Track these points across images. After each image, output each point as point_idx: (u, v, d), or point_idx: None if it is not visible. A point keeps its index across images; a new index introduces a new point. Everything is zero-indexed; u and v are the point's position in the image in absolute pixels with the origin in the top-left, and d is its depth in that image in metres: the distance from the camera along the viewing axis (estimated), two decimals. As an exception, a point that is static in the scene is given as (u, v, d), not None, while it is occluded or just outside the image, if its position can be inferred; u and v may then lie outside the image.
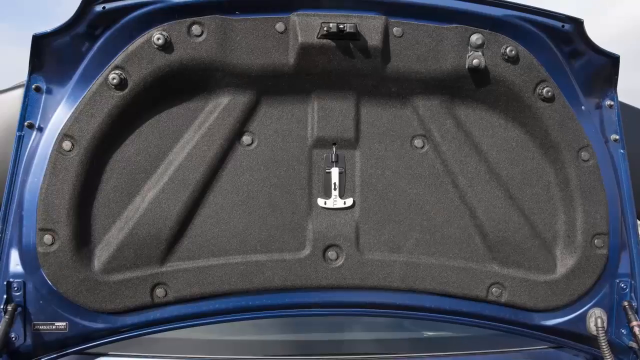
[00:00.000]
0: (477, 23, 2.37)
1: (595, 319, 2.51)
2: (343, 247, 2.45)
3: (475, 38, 2.36)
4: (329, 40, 2.28)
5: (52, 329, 2.31)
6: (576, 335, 2.57)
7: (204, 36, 2.25)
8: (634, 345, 2.44)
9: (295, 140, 2.43)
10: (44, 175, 2.25)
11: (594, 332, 2.50)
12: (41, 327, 2.30)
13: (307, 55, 2.30)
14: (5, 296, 2.26)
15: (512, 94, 2.42)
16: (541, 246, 2.52)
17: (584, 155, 2.46)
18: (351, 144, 2.46)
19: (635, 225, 2.57)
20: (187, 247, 2.38)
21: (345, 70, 2.34)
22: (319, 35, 2.28)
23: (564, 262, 2.52)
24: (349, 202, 2.46)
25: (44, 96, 2.30)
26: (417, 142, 2.47)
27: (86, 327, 2.33)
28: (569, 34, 2.40)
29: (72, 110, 2.26)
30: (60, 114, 2.29)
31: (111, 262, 2.33)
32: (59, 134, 2.25)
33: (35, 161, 2.28)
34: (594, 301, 2.55)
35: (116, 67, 2.24)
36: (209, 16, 2.25)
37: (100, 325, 2.35)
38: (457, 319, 2.52)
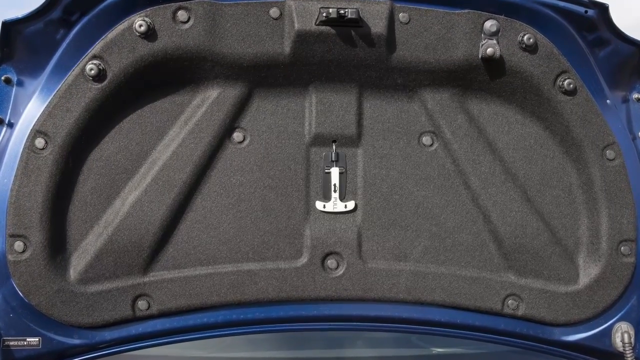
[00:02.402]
0: (492, 8, 2.36)
1: (622, 334, 2.48)
2: (344, 255, 2.43)
3: (490, 25, 2.34)
4: (328, 27, 2.26)
5: (24, 345, 2.28)
6: (600, 352, 2.54)
7: (190, 22, 2.24)
8: (665, 363, 2.44)
9: (291, 137, 2.41)
10: (15, 176, 2.22)
11: (620, 349, 2.48)
12: (11, 343, 2.28)
13: (304, 44, 2.28)
14: (-29, 309, 2.24)
15: (530, 86, 2.40)
16: (562, 254, 2.50)
17: (609, 153, 2.44)
18: (353, 142, 2.44)
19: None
20: (172, 255, 2.36)
21: (346, 60, 2.33)
22: (317, 22, 2.26)
23: (587, 272, 2.50)
24: (351, 205, 2.45)
25: (14, 89, 2.28)
26: (426, 140, 2.45)
27: (61, 343, 2.31)
28: (592, 20, 2.38)
29: (45, 104, 2.23)
30: (32, 108, 2.26)
31: (89, 272, 2.30)
32: (31, 130, 2.22)
33: (5, 160, 2.25)
34: (620, 314, 2.53)
35: (94, 57, 2.22)
36: (196, 0, 2.23)
37: (76, 341, 2.33)
38: (469, 334, 2.50)
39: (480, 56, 2.34)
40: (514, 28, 2.35)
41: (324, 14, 2.22)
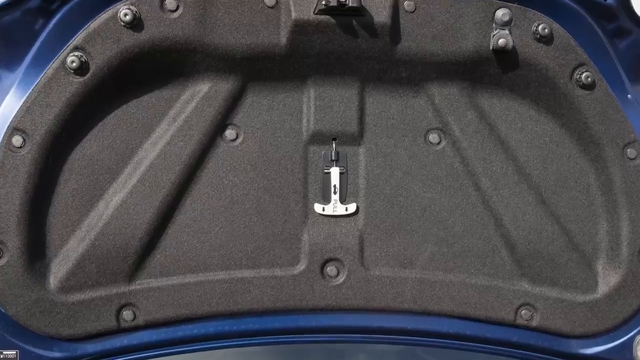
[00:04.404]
0: None
1: (644, 347, 2.47)
2: (344, 261, 2.41)
3: (502, 14, 2.31)
4: (327, 17, 2.24)
5: (0, 358, 2.26)
6: (621, 366, 2.52)
7: (179, 11, 2.21)
8: (690, 378, 2.42)
9: (288, 134, 2.39)
10: None
11: (643, 363, 2.47)
12: None
13: (302, 34, 2.25)
14: (-57, 320, 2.23)
15: (545, 80, 2.38)
16: (579, 260, 2.47)
17: (631, 152, 2.42)
18: (354, 140, 2.42)
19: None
20: (159, 261, 2.35)
21: (347, 52, 2.30)
22: (316, 11, 2.23)
23: (607, 280, 2.48)
24: (352, 208, 2.43)
25: (-11, 83, 2.26)
26: (433, 137, 2.43)
27: (40, 356, 2.28)
28: (612, 8, 2.34)
29: (23, 100, 2.20)
30: (9, 103, 2.22)
31: (70, 279, 2.28)
32: (8, 127, 2.19)
33: (-21, 160, 2.23)
34: (642, 326, 2.52)
35: (76, 48, 2.19)
36: None
37: (57, 354, 2.30)
38: (480, 347, 2.49)
39: (491, 47, 2.32)
40: (527, 17, 2.32)
41: (323, 2, 2.18)
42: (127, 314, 2.32)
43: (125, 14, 2.16)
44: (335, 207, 2.41)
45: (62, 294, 2.27)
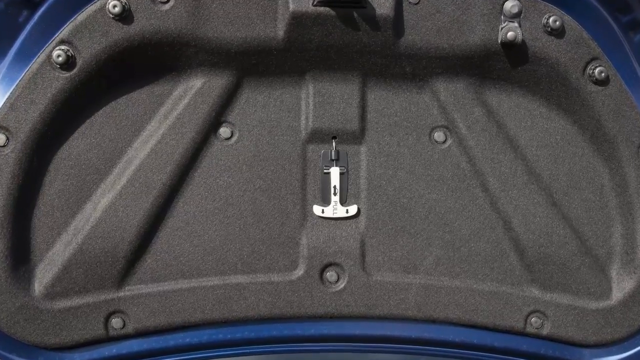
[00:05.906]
0: None
1: (661, 356, 2.45)
2: (345, 266, 2.41)
3: (511, 5, 2.28)
4: (327, 9, 2.21)
5: None
6: (636, 376, 2.51)
7: (171, 2, 2.19)
8: None
9: (286, 133, 2.38)
10: None
11: (659, 373, 2.45)
12: None
13: (300, 27, 2.23)
14: None
15: (557, 75, 2.35)
16: (592, 265, 2.45)
17: None
18: (355, 138, 2.41)
19: None
20: (150, 266, 2.34)
21: (347, 45, 2.28)
22: (315, 2, 2.20)
23: (621, 285, 2.46)
24: (353, 210, 2.42)
25: (-29, 78, 2.26)
26: (438, 136, 2.42)
27: None
28: (626, 0, 2.32)
29: (6, 96, 2.18)
30: None
31: (56, 285, 2.27)
32: None
33: (-39, 159, 2.22)
34: (658, 334, 2.50)
35: (62, 42, 2.17)
36: None
37: None
38: (487, 356, 2.47)
39: (499, 41, 2.29)
40: (538, 9, 2.30)
41: None
42: (116, 322, 2.31)
43: (114, 6, 2.14)
44: (335, 209, 2.40)
45: (47, 300, 2.26)
